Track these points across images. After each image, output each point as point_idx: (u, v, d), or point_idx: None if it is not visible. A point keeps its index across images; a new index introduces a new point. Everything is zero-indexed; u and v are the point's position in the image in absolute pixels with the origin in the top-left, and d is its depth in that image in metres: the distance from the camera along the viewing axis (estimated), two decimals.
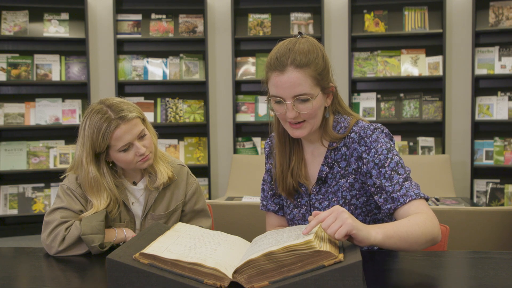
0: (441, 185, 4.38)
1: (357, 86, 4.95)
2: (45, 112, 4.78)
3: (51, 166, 4.78)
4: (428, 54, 4.77)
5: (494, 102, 4.64)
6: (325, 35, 4.82)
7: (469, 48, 4.71)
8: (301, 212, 1.58)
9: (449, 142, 4.84)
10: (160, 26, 4.91)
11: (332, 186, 1.53)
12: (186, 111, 4.94)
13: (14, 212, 4.73)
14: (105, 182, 1.64)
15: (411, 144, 4.84)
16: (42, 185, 4.82)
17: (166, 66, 4.92)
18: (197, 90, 5.00)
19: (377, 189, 1.44)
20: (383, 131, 1.49)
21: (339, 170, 1.52)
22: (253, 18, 4.91)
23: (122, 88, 4.97)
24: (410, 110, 4.80)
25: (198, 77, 4.92)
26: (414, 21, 4.75)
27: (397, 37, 4.82)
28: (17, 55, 4.76)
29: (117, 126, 1.58)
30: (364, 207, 1.51)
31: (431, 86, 4.82)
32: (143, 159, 1.65)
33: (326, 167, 1.53)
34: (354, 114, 1.57)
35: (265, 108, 4.94)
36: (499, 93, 4.66)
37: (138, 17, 4.91)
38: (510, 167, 4.60)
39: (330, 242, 1.14)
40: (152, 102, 4.95)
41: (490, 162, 4.65)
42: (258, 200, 3.32)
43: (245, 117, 4.95)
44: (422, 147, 4.82)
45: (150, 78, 4.90)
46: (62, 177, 1.72)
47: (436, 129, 4.82)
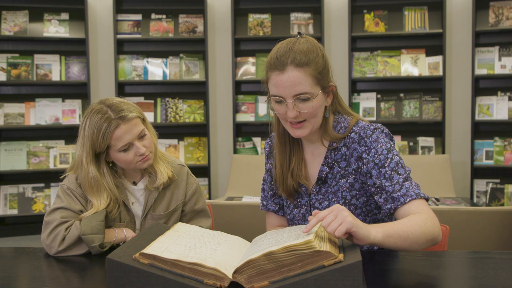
0: (441, 185, 4.38)
1: (357, 86, 4.95)
2: (45, 112, 4.78)
3: (51, 166, 4.78)
4: (428, 54, 4.77)
5: (494, 102, 4.64)
6: (325, 35, 4.82)
7: (469, 48, 4.71)
8: (301, 212, 1.58)
9: (449, 142, 4.84)
10: (160, 26, 4.90)
11: (332, 186, 1.53)
12: (186, 111, 4.94)
13: (14, 212, 4.73)
14: (105, 182, 1.64)
15: (411, 144, 4.84)
16: (42, 185, 4.82)
17: (166, 66, 4.92)
18: (197, 90, 5.00)
19: (377, 189, 1.44)
20: (383, 131, 1.49)
21: (339, 170, 1.52)
22: (253, 18, 4.91)
23: (122, 88, 4.97)
24: (410, 110, 4.80)
25: (198, 77, 4.92)
26: (414, 21, 4.75)
27: (397, 37, 4.82)
28: (17, 55, 4.76)
29: (117, 126, 1.58)
30: (364, 207, 1.51)
31: (431, 86, 4.82)
32: (143, 159, 1.65)
33: (326, 167, 1.53)
34: (354, 114, 1.57)
35: (265, 108, 4.94)
36: (499, 93, 4.66)
37: (138, 17, 4.91)
38: (510, 167, 4.60)
39: (330, 242, 1.14)
40: (152, 102, 4.95)
41: (490, 162, 4.65)
42: (258, 200, 3.32)
43: (245, 117, 4.95)
44: (422, 147, 4.82)
45: (150, 78, 4.90)
46: (62, 177, 1.72)
47: (436, 129, 4.82)
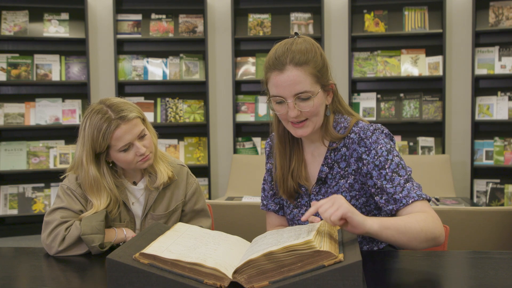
0: (441, 185, 4.38)
1: (357, 86, 4.95)
2: (45, 112, 4.78)
3: (51, 166, 4.78)
4: (428, 54, 4.77)
5: (494, 102, 4.64)
6: (325, 35, 4.82)
7: (469, 48, 4.71)
8: (301, 212, 1.58)
9: (449, 142, 4.84)
10: (160, 26, 4.90)
11: (332, 187, 1.53)
12: (186, 111, 4.94)
13: (14, 212, 4.73)
14: (105, 182, 1.64)
15: (411, 144, 4.84)
16: (42, 185, 4.82)
17: (166, 66, 4.92)
18: (197, 90, 5.00)
19: (377, 190, 1.44)
20: (383, 132, 1.49)
21: (339, 170, 1.52)
22: (253, 18, 4.91)
23: (122, 88, 4.96)
24: (410, 110, 4.80)
25: (198, 77, 4.92)
26: (414, 21, 4.75)
27: (397, 37, 4.82)
28: (17, 55, 4.76)
29: (117, 126, 1.58)
30: (364, 208, 1.51)
31: (431, 86, 4.82)
32: (143, 159, 1.65)
33: (326, 168, 1.53)
34: (355, 114, 1.57)
35: (265, 108, 4.94)
36: (499, 93, 4.66)
37: (138, 17, 4.91)
38: (510, 167, 4.60)
39: (330, 242, 1.14)
40: (152, 102, 4.95)
41: (490, 162, 4.65)
42: (258, 200, 3.32)
43: (245, 117, 4.95)
44: (422, 147, 4.82)
45: (150, 78, 4.90)
46: (62, 177, 1.72)
47: (436, 129, 4.82)
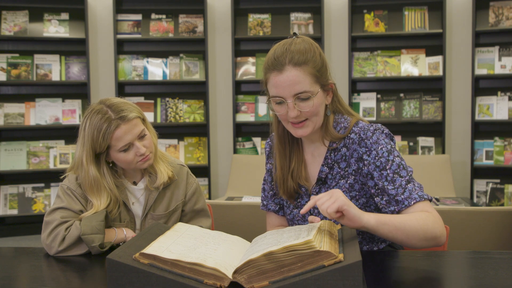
0: (441, 185, 4.38)
1: (357, 86, 4.95)
2: (45, 112, 4.78)
3: (51, 166, 4.78)
4: (428, 54, 4.77)
5: (494, 102, 4.64)
6: (325, 35, 4.82)
7: (469, 48, 4.71)
8: (300, 213, 1.58)
9: (449, 142, 4.84)
10: (160, 26, 4.90)
11: (332, 187, 1.52)
12: (186, 111, 4.94)
13: (14, 212, 4.73)
14: (105, 182, 1.64)
15: (411, 144, 4.84)
16: (42, 185, 4.82)
17: (166, 66, 4.92)
18: (197, 90, 5.00)
19: (377, 190, 1.44)
20: (383, 132, 1.49)
21: (339, 171, 1.52)
22: (253, 18, 4.91)
23: (122, 88, 4.96)
24: (410, 110, 4.80)
25: (198, 77, 4.92)
26: (414, 21, 4.75)
27: (397, 37, 4.82)
28: (17, 55, 4.76)
29: (117, 126, 1.58)
30: (364, 209, 1.51)
31: (431, 86, 4.82)
32: (143, 159, 1.65)
33: (326, 168, 1.53)
34: (354, 114, 1.57)
35: (265, 108, 4.94)
36: (499, 93, 4.66)
37: (138, 17, 4.91)
38: (510, 167, 4.60)
39: (330, 242, 1.14)
40: (152, 102, 4.95)
41: (490, 162, 4.65)
42: (258, 200, 3.32)
43: (245, 117, 4.95)
44: (422, 147, 4.82)
45: (150, 78, 4.90)
46: (62, 177, 1.72)
47: (436, 129, 4.82)
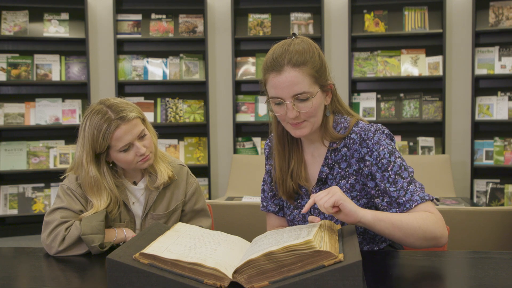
0: (441, 185, 4.38)
1: (357, 86, 4.95)
2: (45, 112, 4.78)
3: (51, 166, 4.78)
4: (428, 54, 4.77)
5: (494, 102, 4.64)
6: (325, 35, 4.82)
7: (469, 48, 4.71)
8: (301, 213, 1.58)
9: (449, 142, 4.84)
10: (160, 26, 4.90)
11: None
12: (186, 111, 4.94)
13: (14, 212, 4.73)
14: (105, 182, 1.64)
15: (411, 144, 4.84)
16: (42, 185, 4.82)
17: (166, 66, 4.92)
18: (197, 90, 5.00)
19: (378, 191, 1.44)
20: (384, 132, 1.48)
21: (340, 171, 1.51)
22: (253, 18, 4.91)
23: (122, 88, 4.96)
24: (410, 110, 4.80)
25: (198, 77, 4.92)
26: (414, 21, 4.75)
27: (397, 37, 4.82)
28: (17, 55, 4.76)
29: (117, 127, 1.58)
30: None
31: (431, 86, 4.82)
32: (144, 159, 1.65)
33: (326, 168, 1.52)
34: (354, 114, 1.57)
35: (265, 108, 4.94)
36: (499, 93, 4.66)
37: (138, 17, 4.91)
38: (510, 167, 4.60)
39: (330, 242, 1.14)
40: (152, 102, 4.95)
41: (490, 162, 4.65)
42: (258, 200, 3.32)
43: (245, 117, 4.95)
44: (422, 147, 4.82)
45: (150, 78, 4.90)
46: (62, 177, 1.72)
47: (436, 129, 4.82)
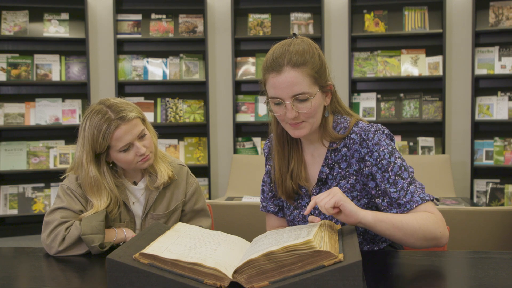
0: (441, 185, 4.38)
1: (357, 86, 4.95)
2: (45, 112, 4.78)
3: (51, 166, 4.78)
4: (428, 54, 4.77)
5: (494, 102, 4.64)
6: (325, 35, 4.82)
7: (469, 48, 4.71)
8: (301, 213, 1.58)
9: (449, 142, 4.84)
10: (160, 26, 4.90)
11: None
12: (186, 111, 4.94)
13: (14, 212, 4.73)
14: (105, 182, 1.64)
15: (411, 144, 4.84)
16: (42, 185, 4.82)
17: (166, 66, 4.92)
18: (197, 90, 5.00)
19: (378, 192, 1.44)
20: (384, 132, 1.48)
21: (340, 171, 1.51)
22: (253, 18, 4.91)
23: (122, 88, 4.96)
24: (410, 110, 4.80)
25: (198, 77, 4.92)
26: (414, 21, 4.75)
27: (397, 37, 4.82)
28: (17, 55, 4.76)
29: (117, 127, 1.58)
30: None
31: (431, 86, 4.82)
32: (144, 159, 1.65)
33: (326, 168, 1.52)
34: (354, 114, 1.56)
35: (265, 108, 4.94)
36: (499, 93, 4.66)
37: (138, 17, 4.91)
38: (510, 167, 4.60)
39: (330, 242, 1.14)
40: (152, 102, 4.95)
41: (490, 162, 4.65)
42: (258, 200, 3.32)
43: (245, 117, 4.95)
44: (422, 147, 4.82)
45: (150, 78, 4.90)
46: (62, 177, 1.72)
47: (436, 129, 4.82)
